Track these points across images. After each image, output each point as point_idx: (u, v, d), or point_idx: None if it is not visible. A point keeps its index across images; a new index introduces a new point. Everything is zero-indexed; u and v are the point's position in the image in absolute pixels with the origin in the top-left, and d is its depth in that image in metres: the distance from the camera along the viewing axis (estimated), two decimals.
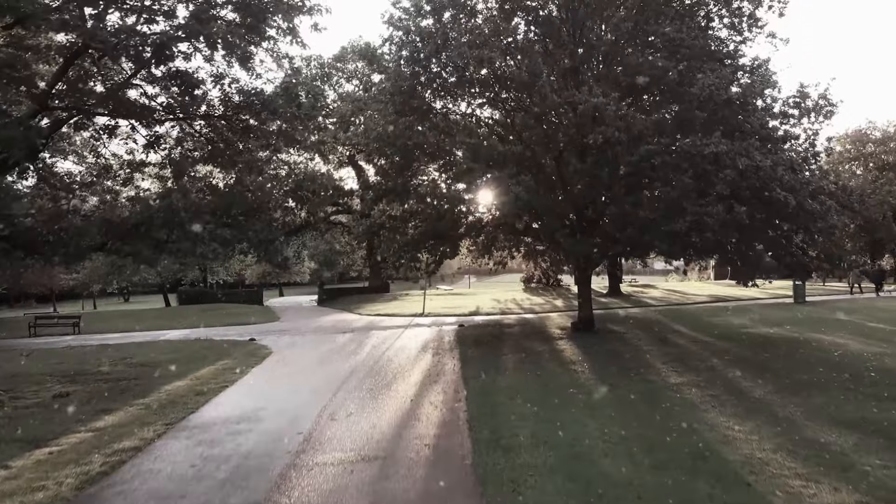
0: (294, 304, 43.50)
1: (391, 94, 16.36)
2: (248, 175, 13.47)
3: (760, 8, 16.66)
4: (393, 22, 17.21)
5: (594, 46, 15.72)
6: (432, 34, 16.46)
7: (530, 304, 32.97)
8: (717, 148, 13.47)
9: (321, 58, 42.93)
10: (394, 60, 16.24)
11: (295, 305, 42.74)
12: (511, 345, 17.81)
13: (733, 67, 16.55)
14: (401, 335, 20.83)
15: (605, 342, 17.67)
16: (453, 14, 17.26)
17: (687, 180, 14.01)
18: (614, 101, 13.98)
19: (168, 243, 10.89)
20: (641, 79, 14.77)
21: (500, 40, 15.96)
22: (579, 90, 14.73)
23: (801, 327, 20.29)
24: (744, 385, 12.51)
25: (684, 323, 22.06)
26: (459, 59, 15.14)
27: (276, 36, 15.06)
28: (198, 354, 18.24)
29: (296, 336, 22.01)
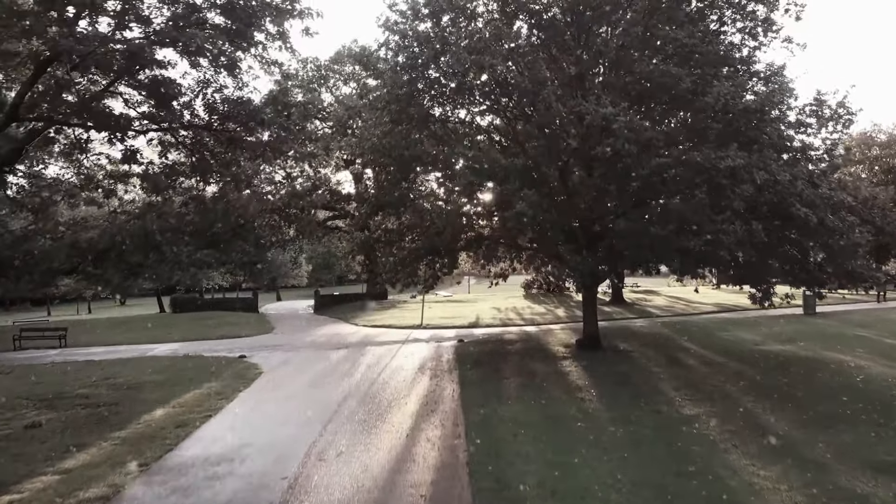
0: (290, 312, 42.62)
1: (386, 102, 15.50)
2: (234, 191, 12.60)
3: (776, 11, 15.80)
4: (389, 26, 16.34)
5: (601, 52, 14.87)
6: (430, 38, 15.60)
7: (531, 314, 32.11)
8: (735, 162, 12.62)
9: (318, 60, 42.09)
10: (390, 66, 15.39)
11: (290, 313, 41.85)
12: (513, 365, 16.94)
13: (747, 74, 15.71)
14: (397, 353, 19.96)
15: (611, 363, 16.81)
16: (452, 17, 16.39)
17: (700, 195, 13.16)
18: (624, 111, 13.13)
19: (142, 268, 10.04)
20: (652, 86, 13.92)
21: (501, 45, 15.10)
22: (586, 99, 13.87)
23: (815, 344, 19.46)
24: (764, 418, 11.65)
25: (693, 338, 21.20)
26: (458, 65, 14.28)
27: (265, 41, 14.22)
28: (184, 375, 17.37)
29: (288, 352, 21.13)
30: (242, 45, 13.63)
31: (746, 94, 14.65)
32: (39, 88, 12.28)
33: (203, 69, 13.51)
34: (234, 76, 13.47)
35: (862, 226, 14.59)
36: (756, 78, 15.75)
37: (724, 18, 16.00)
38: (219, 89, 13.13)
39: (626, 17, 14.27)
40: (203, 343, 24.89)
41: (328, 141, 37.34)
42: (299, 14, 14.22)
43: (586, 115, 13.53)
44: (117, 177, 13.88)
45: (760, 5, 15.88)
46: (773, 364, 16.61)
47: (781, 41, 16.07)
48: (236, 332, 28.15)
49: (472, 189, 13.91)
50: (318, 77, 41.59)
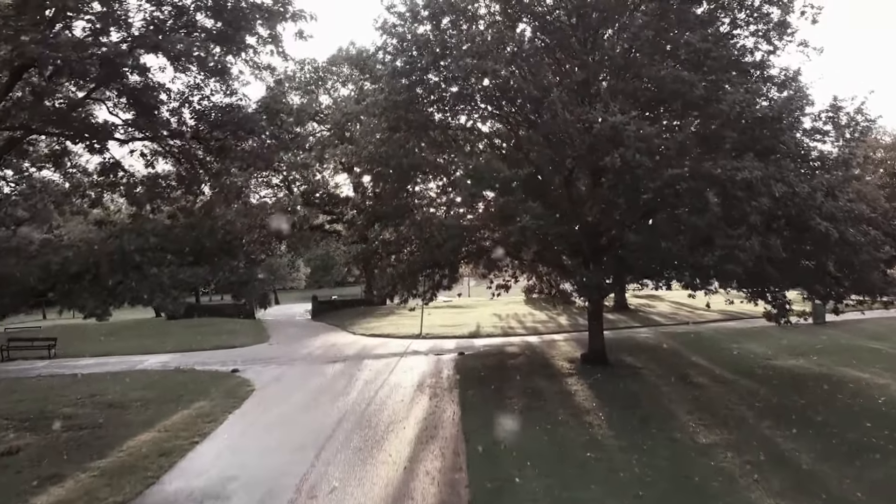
0: (287, 318, 41.86)
1: (384, 109, 14.80)
2: (222, 203, 11.91)
3: (791, 14, 15.09)
4: (386, 29, 15.64)
5: (610, 57, 14.15)
6: (429, 42, 14.90)
7: (533, 322, 31.40)
8: (752, 174, 11.92)
9: (315, 61, 41.35)
10: (387, 71, 14.67)
11: (287, 319, 41.11)
12: (516, 383, 16.24)
13: (761, 80, 15.01)
14: (395, 367, 19.26)
15: (619, 380, 16.10)
16: (452, 20, 15.70)
17: (715, 208, 12.44)
18: (635, 119, 12.43)
19: (120, 291, 9.33)
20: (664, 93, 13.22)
21: (504, 49, 14.40)
22: (593, 106, 13.17)
23: (830, 359, 18.75)
24: (785, 448, 10.96)
25: (701, 352, 20.49)
26: (460, 69, 13.58)
27: (256, 45, 13.53)
28: (173, 392, 16.66)
29: (283, 366, 20.42)
30: (232, 50, 12.95)
31: (761, 100, 13.96)
32: (18, 95, 11.61)
33: (192, 74, 12.85)
34: (223, 82, 12.78)
35: (884, 240, 13.87)
36: (770, 83, 15.05)
37: (737, 21, 15.28)
38: (206, 96, 12.43)
39: (634, 20, 13.56)
40: (196, 355, 24.17)
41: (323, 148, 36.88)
42: (292, 17, 13.53)
43: (594, 123, 12.83)
44: (104, 185, 13.17)
45: (775, 8, 15.17)
46: (787, 382, 15.91)
47: (797, 45, 15.37)
48: (231, 341, 27.43)
49: (473, 201, 13.21)
50: (315, 79, 40.87)
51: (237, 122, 12.33)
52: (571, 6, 14.51)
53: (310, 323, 38.39)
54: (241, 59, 13.30)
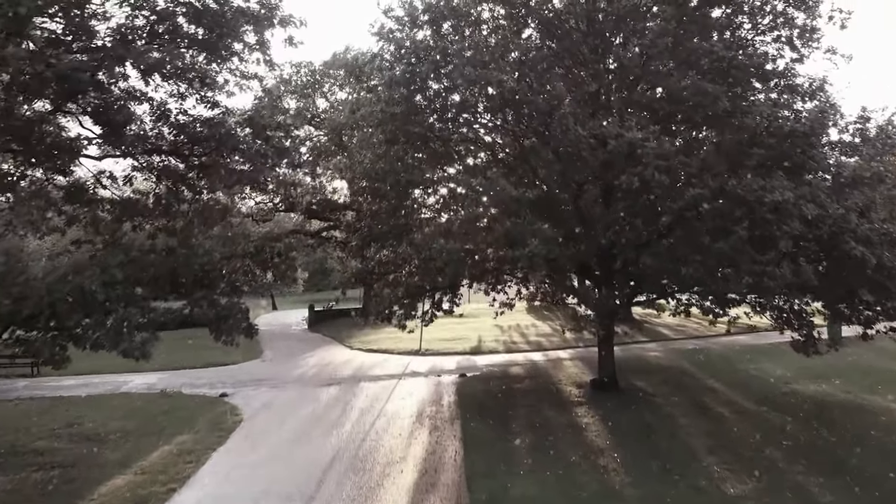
0: (282, 328, 40.78)
1: (380, 121, 13.76)
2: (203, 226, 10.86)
3: (819, 18, 14.06)
4: (384, 34, 14.60)
5: (624, 66, 13.11)
6: (430, 48, 13.85)
7: (536, 335, 30.35)
8: (783, 195, 10.87)
9: (312, 64, 40.24)
10: (384, 81, 13.63)
11: (283, 329, 40.04)
12: (522, 414, 15.17)
13: (787, 90, 13.98)
14: (393, 392, 18.19)
15: (632, 411, 15.04)
16: (454, 24, 14.66)
17: (741, 231, 11.40)
18: (654, 135, 11.38)
19: (82, 333, 8.31)
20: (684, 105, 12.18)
21: (509, 56, 13.35)
22: (608, 119, 12.13)
23: (852, 383, 17.73)
24: (823, 502, 9.92)
25: (716, 373, 19.44)
26: (462, 79, 12.54)
27: (242, 53, 12.47)
28: (155, 423, 15.59)
29: (274, 389, 19.35)
30: (215, 59, 11.90)
31: (789, 112, 12.93)
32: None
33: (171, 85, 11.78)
34: (205, 93, 11.72)
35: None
36: (795, 94, 14.01)
37: (760, 26, 14.23)
38: (184, 110, 11.39)
39: (651, 27, 12.53)
40: (185, 374, 23.12)
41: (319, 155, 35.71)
42: (280, 22, 12.48)
43: (609, 139, 11.78)
44: (69, 215, 12.09)
45: (800, 12, 14.13)
46: (812, 412, 14.87)
47: (823, 52, 14.32)
48: (222, 357, 26.16)
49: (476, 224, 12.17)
50: (312, 83, 39.77)
51: (219, 139, 11.27)
52: (582, 11, 13.46)
53: (306, 335, 37.30)
54: (225, 68, 12.24)
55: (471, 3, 15.03)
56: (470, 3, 15.09)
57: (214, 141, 11.44)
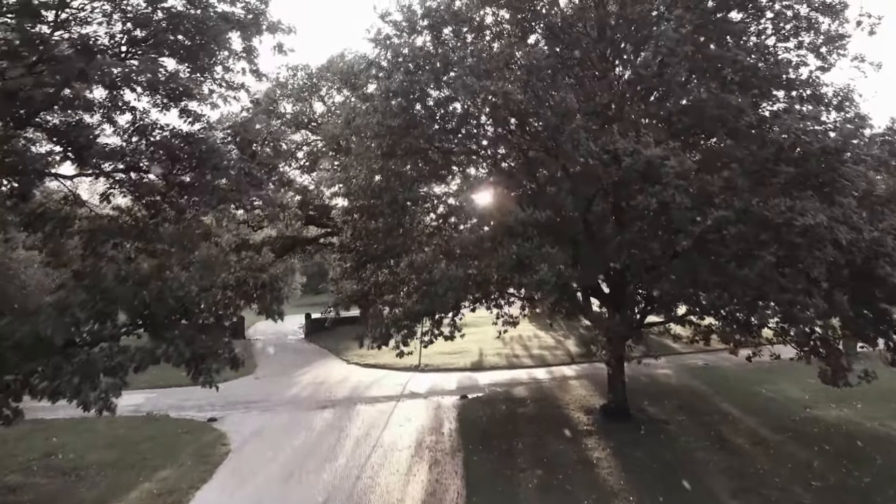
0: (278, 337, 39.80)
1: (376, 134, 12.83)
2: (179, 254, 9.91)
3: (846, 24, 13.13)
4: (380, 41, 13.65)
5: (641, 76, 12.16)
6: (429, 55, 12.91)
7: (539, 347, 29.43)
8: (815, 219, 9.93)
9: (309, 67, 39.29)
10: (381, 92, 12.68)
11: (278, 339, 39.07)
12: (528, 445, 14.21)
13: (813, 100, 13.04)
14: (390, 417, 17.23)
15: (647, 443, 14.09)
16: (455, 29, 13.72)
17: (769, 257, 10.46)
18: (674, 153, 10.45)
19: (37, 384, 7.37)
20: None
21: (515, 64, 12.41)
22: (623, 134, 11.18)
23: (876, 408, 16.77)
24: None
25: (729, 396, 18.50)
26: (465, 90, 11.60)
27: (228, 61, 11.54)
28: (136, 454, 14.67)
29: (266, 412, 18.39)
30: (197, 70, 10.95)
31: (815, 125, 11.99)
32: None
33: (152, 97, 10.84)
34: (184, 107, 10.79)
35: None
36: (821, 104, 13.07)
37: (783, 32, 13.30)
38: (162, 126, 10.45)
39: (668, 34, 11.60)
40: (174, 392, 22.05)
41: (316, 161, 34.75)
42: (269, 28, 11.54)
43: (624, 156, 10.83)
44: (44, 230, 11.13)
45: (826, 17, 13.21)
46: (839, 444, 13.94)
47: (850, 59, 13.40)
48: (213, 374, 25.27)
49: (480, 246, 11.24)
50: (309, 86, 38.83)
51: (199, 156, 10.32)
52: (595, 15, 12.51)
53: (302, 345, 36.40)
54: (208, 78, 11.29)
55: (473, 7, 14.11)
56: (472, 6, 14.17)
57: (195, 158, 10.49)
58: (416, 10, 14.05)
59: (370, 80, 15.24)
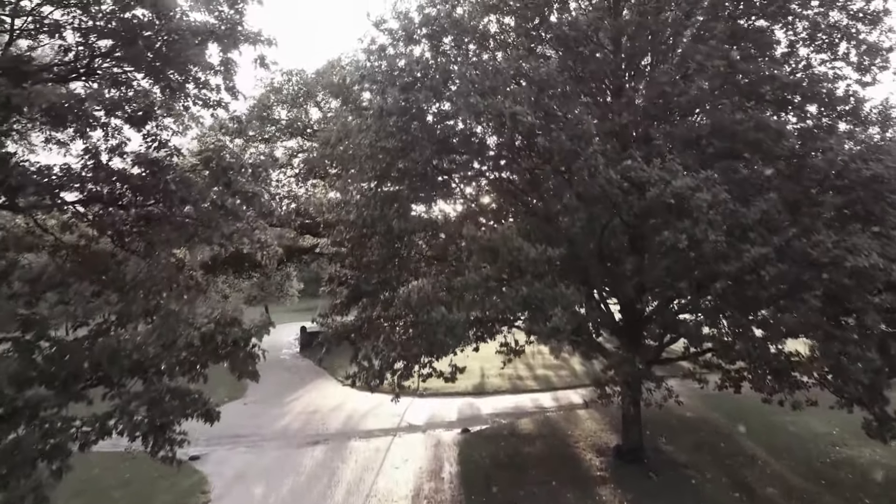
0: (273, 350, 38.27)
1: (369, 156, 11.55)
2: (140, 301, 8.62)
3: (890, 34, 11.84)
4: (373, 51, 12.37)
5: (665, 94, 10.86)
6: (428, 68, 11.62)
7: (543, 367, 28.14)
8: (870, 259, 8.65)
9: (304, 72, 38.00)
10: (374, 110, 11.37)
11: (273, 354, 37.62)
12: (535, 497, 12.92)
13: (852, 116, 11.78)
14: (386, 456, 15.94)
15: (667, 494, 12.80)
16: (455, 39, 12.44)
17: (813, 301, 9.18)
18: (707, 183, 9.17)
19: None
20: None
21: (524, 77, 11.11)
22: (647, 160, 9.90)
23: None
24: None
25: (751, 430, 17.21)
26: (467, 109, 10.32)
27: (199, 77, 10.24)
28: (109, 501, 13.38)
29: (252, 449, 17.07)
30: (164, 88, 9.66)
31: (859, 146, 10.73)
32: None
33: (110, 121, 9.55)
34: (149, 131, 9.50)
35: None
36: (862, 122, 11.81)
37: (819, 43, 12.02)
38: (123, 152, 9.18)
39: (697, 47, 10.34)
40: None
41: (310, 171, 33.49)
42: (247, 39, 10.25)
43: (649, 185, 9.55)
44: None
45: (867, 27, 11.94)
46: (877, 493, 12.67)
47: (893, 72, 12.13)
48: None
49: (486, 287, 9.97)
50: (304, 92, 37.55)
51: (164, 187, 9.02)
52: (614, 27, 11.21)
53: (296, 361, 35.14)
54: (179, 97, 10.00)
55: (476, 15, 12.82)
56: (476, 14, 12.89)
57: (159, 191, 9.20)
58: (413, 18, 12.77)
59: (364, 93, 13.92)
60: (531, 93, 10.42)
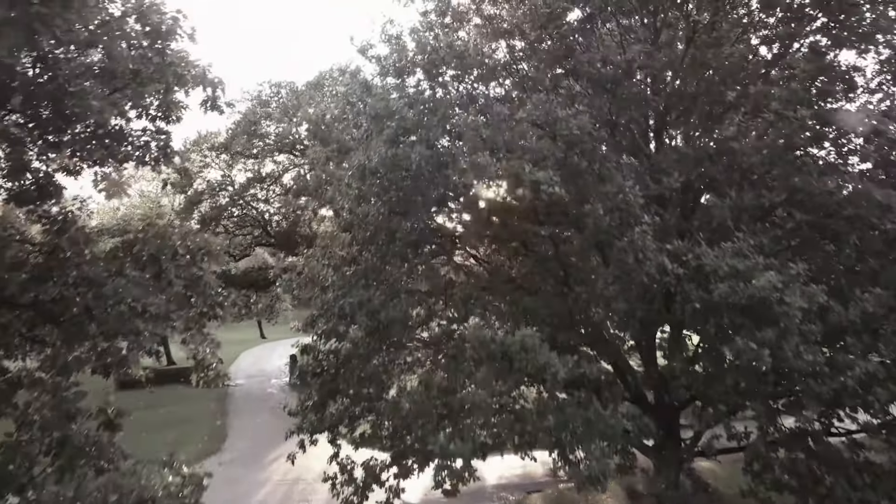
0: (261, 381, 36.19)
1: (348, 223, 9.21)
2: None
3: None
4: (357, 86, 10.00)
5: (731, 152, 8.36)
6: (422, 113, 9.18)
7: None
8: None
9: (293, 84, 35.72)
10: (354, 169, 8.93)
11: (261, 384, 35.47)
12: None
13: None
14: None
15: None
16: (457, 73, 10.04)
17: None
18: (799, 281, 6.81)
19: None
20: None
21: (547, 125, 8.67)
22: (711, 241, 7.54)
23: None
24: None
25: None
26: (476, 171, 7.97)
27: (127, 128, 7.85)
28: None
29: None
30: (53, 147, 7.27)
31: None
32: None
33: None
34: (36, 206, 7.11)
35: None
36: None
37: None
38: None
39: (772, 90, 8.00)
40: None
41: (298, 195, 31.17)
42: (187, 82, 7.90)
43: (715, 276, 7.16)
44: None
45: None
46: None
47: None
48: (174, 446, 21.47)
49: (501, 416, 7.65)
50: (293, 106, 35.24)
51: (66, 281, 6.64)
52: (663, 59, 8.74)
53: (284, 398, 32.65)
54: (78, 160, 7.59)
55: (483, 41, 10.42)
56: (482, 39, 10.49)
57: (61, 285, 6.80)
58: (405, 45, 10.43)
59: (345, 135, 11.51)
60: (556, 148, 8.01)
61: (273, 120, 34.69)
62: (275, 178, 36.80)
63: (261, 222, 39.89)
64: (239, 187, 36.59)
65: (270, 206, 39.49)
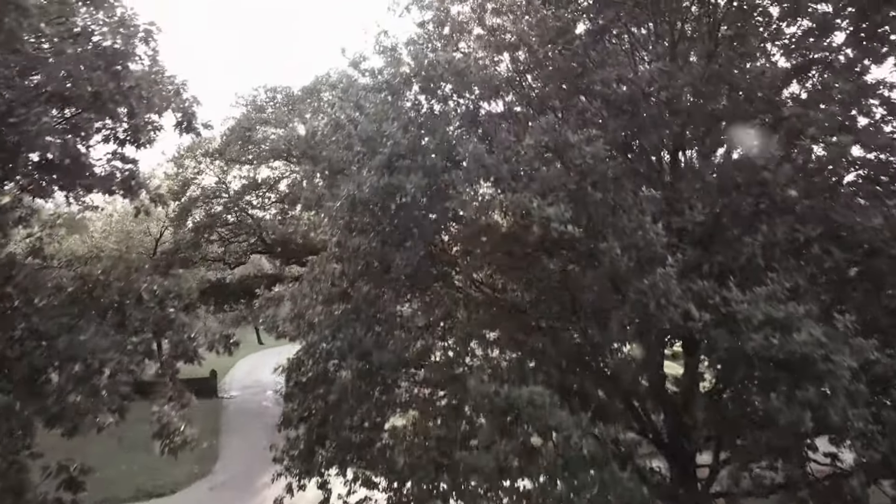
0: (256, 393, 35.36)
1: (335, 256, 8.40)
2: None
3: None
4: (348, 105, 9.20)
5: (766, 183, 7.52)
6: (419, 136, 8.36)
7: None
8: None
9: (289, 89, 34.99)
10: (344, 202, 8.06)
11: (255, 397, 34.63)
12: None
13: None
14: None
15: None
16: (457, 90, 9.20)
17: None
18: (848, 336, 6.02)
19: None
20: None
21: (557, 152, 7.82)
22: (743, 284, 6.72)
23: None
24: None
25: None
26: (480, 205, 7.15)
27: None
28: None
29: None
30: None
31: None
32: None
33: None
34: None
35: None
36: None
37: None
38: None
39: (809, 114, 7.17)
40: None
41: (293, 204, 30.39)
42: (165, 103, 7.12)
43: (747, 325, 6.35)
44: None
45: None
46: None
47: None
48: (163, 476, 20.68)
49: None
50: (290, 111, 34.53)
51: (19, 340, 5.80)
52: (685, 77, 7.86)
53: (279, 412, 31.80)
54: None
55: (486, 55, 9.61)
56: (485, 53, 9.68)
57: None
58: (400, 57, 9.63)
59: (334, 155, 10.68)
60: (568, 179, 7.20)
61: (269, 125, 33.97)
62: (270, 184, 36.08)
63: (256, 230, 39.11)
64: (234, 194, 35.98)
65: (266, 212, 38.77)
